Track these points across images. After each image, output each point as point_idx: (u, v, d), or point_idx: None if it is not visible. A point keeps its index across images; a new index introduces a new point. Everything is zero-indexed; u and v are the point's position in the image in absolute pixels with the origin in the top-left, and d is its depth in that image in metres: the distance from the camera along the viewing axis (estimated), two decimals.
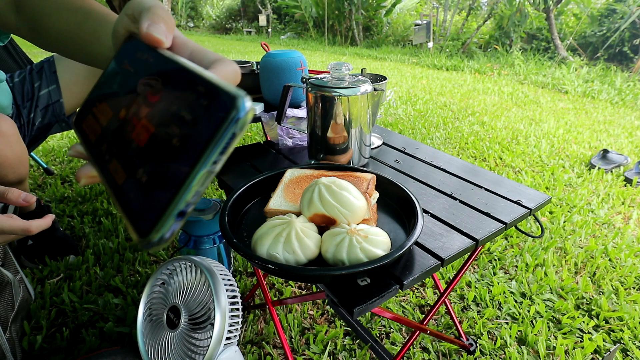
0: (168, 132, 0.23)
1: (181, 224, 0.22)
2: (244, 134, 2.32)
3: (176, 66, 0.26)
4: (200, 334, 0.58)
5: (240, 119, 0.20)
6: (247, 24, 13.06)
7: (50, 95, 1.11)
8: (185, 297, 0.61)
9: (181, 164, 0.21)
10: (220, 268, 0.64)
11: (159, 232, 0.21)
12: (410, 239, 0.50)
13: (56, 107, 1.12)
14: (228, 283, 0.61)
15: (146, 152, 0.24)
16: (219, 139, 0.20)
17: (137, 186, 0.24)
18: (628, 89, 3.96)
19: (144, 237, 0.22)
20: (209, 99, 0.22)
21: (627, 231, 1.38)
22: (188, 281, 0.62)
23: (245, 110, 0.20)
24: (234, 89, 0.21)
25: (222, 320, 0.57)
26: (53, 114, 1.12)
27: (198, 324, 0.59)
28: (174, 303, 0.61)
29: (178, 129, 0.23)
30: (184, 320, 0.59)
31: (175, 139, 0.23)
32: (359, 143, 0.78)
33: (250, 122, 0.81)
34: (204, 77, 0.23)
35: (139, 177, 0.24)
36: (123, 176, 0.25)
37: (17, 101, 1.08)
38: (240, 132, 0.21)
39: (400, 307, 1.01)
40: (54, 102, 1.11)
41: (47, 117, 1.12)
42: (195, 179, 0.21)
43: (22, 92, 1.09)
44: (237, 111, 0.20)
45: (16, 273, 0.90)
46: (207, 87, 0.22)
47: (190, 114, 0.22)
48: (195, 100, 0.23)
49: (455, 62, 5.66)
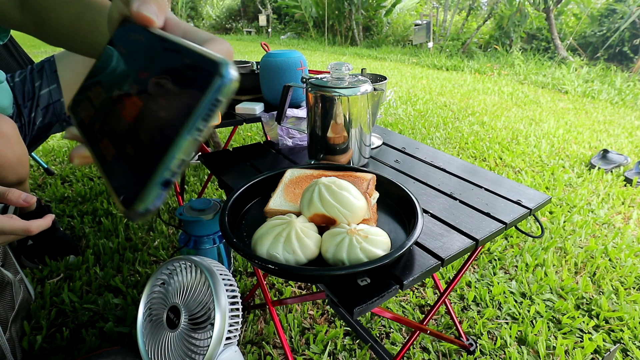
0: (155, 105, 0.24)
1: (166, 194, 0.22)
2: (244, 134, 2.32)
3: (166, 42, 0.26)
4: (200, 334, 0.58)
5: (223, 85, 0.21)
6: (247, 24, 13.06)
7: (51, 95, 1.11)
8: (185, 297, 0.61)
9: (166, 134, 0.22)
10: (220, 268, 0.64)
11: (144, 202, 0.22)
12: (410, 239, 0.50)
13: (57, 107, 1.12)
14: (228, 283, 0.61)
15: (135, 126, 0.25)
16: (201, 105, 0.21)
17: (125, 160, 0.24)
18: (628, 89, 3.96)
19: (129, 207, 0.22)
20: (194, 69, 0.22)
21: (627, 231, 1.38)
22: (188, 281, 0.62)
23: (230, 77, 0.21)
24: (218, 57, 0.21)
25: (222, 320, 0.57)
26: (54, 113, 1.12)
27: (198, 324, 0.59)
28: (174, 303, 0.61)
29: (165, 100, 0.23)
30: (184, 320, 0.59)
31: (162, 111, 0.23)
32: (359, 143, 0.78)
33: (250, 122, 0.81)
34: (191, 49, 0.23)
35: (127, 152, 0.24)
36: (112, 152, 0.26)
37: (17, 101, 1.08)
38: (224, 99, 0.21)
39: (400, 307, 1.01)
40: (54, 102, 1.12)
41: (48, 117, 1.12)
42: (178, 147, 0.21)
43: (23, 91, 1.09)
44: (220, 77, 0.20)
45: (16, 273, 0.90)
46: (193, 57, 0.23)
47: (177, 86, 0.23)
48: (182, 71, 0.23)
49: (455, 62, 5.66)
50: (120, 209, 0.23)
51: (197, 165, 1.81)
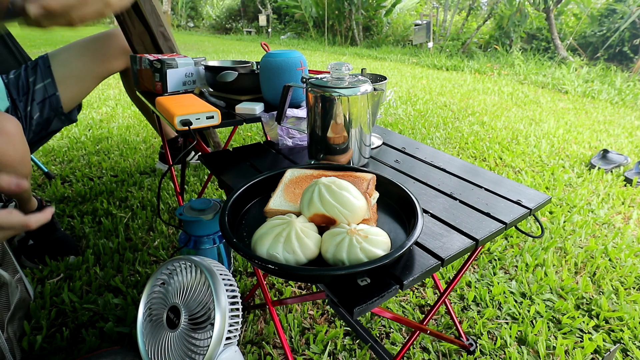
0: None
1: None
2: (244, 134, 2.32)
3: None
4: (200, 334, 0.58)
5: None
6: (247, 24, 13.06)
7: (46, 89, 1.12)
8: (185, 297, 0.61)
9: None
10: (220, 268, 0.64)
11: None
12: (410, 239, 0.50)
13: (53, 101, 1.13)
14: (228, 283, 0.61)
15: None
16: None
17: None
18: (628, 89, 3.96)
19: None
20: None
21: (627, 231, 1.38)
22: (188, 281, 0.62)
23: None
24: None
25: (222, 320, 0.57)
26: (50, 107, 1.13)
27: (198, 324, 0.59)
28: (174, 303, 0.61)
29: None
30: (184, 320, 0.59)
31: None
32: (359, 143, 0.78)
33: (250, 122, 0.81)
34: None
35: None
36: None
37: (12, 95, 1.08)
38: None
39: (400, 307, 1.01)
40: (50, 96, 1.12)
41: (46, 111, 1.13)
42: None
43: (17, 86, 1.10)
44: None
45: (15, 273, 0.90)
46: None
47: None
48: None
49: (455, 62, 5.66)
50: None
51: (197, 165, 1.81)
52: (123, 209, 1.43)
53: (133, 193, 1.53)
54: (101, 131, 2.28)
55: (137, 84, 1.24)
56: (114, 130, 2.30)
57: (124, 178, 1.66)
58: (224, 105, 1.09)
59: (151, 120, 1.63)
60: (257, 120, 1.00)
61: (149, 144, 2.10)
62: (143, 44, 1.66)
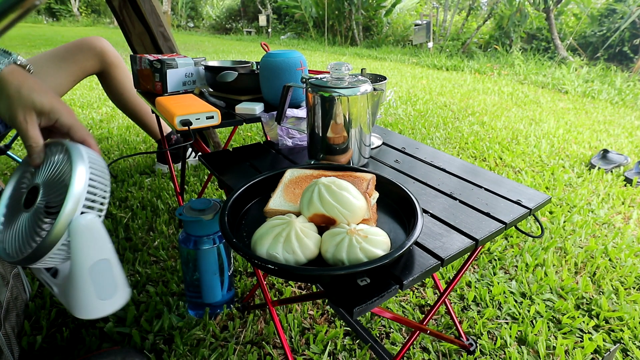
0: None
1: None
2: (244, 134, 2.32)
3: None
4: (54, 210, 0.51)
5: None
6: (247, 24, 13.05)
7: None
8: (46, 176, 0.53)
9: None
10: (90, 151, 0.54)
11: None
12: (410, 239, 0.50)
13: None
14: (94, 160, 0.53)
15: None
16: None
17: None
18: (628, 89, 3.96)
19: None
20: None
21: (627, 231, 1.38)
22: (54, 161, 0.54)
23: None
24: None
25: (80, 183, 0.49)
26: None
27: (54, 197, 0.51)
28: (34, 183, 0.54)
29: None
30: (41, 199, 0.52)
31: None
32: (358, 143, 0.78)
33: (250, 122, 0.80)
34: None
35: None
36: None
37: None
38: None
39: (400, 307, 1.01)
40: None
41: None
42: None
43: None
44: None
45: (13, 267, 0.90)
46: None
47: None
48: None
49: (455, 62, 5.66)
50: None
51: (197, 165, 1.81)
52: (123, 209, 1.43)
53: (133, 193, 1.53)
54: (101, 131, 2.28)
55: (137, 84, 1.24)
56: (114, 131, 2.30)
57: (123, 178, 1.66)
58: (224, 105, 1.09)
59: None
60: (257, 120, 1.00)
61: (149, 144, 2.11)
62: (143, 44, 1.66)
